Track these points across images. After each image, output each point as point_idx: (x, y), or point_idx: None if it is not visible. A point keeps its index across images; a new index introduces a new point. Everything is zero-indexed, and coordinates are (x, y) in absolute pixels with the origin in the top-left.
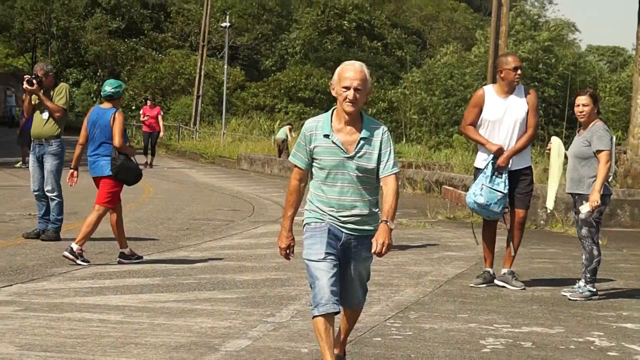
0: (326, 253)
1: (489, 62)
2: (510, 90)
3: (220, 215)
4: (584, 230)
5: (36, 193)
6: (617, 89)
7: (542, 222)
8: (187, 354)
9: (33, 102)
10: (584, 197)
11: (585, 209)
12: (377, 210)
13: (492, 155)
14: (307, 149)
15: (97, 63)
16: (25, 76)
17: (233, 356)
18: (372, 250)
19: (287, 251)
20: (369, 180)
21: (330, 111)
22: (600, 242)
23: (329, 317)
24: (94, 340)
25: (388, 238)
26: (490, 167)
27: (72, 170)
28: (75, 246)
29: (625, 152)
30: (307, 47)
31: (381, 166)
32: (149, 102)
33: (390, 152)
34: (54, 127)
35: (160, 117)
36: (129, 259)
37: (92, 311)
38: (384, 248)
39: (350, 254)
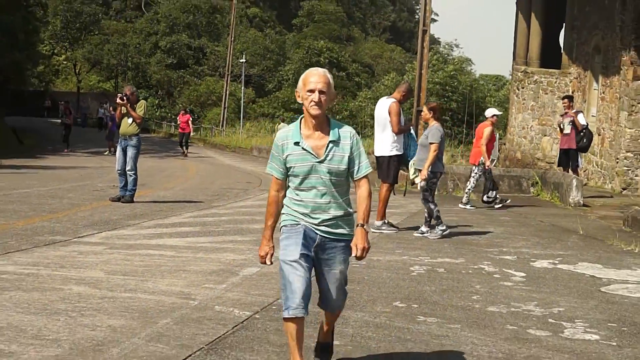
0: (301, 254)
1: (416, 85)
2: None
3: (239, 185)
4: (421, 195)
5: (119, 171)
6: (498, 102)
7: (450, 189)
8: (217, 277)
9: (122, 112)
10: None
11: (417, 180)
12: (351, 210)
13: None
14: (281, 159)
15: (157, 86)
16: (118, 94)
17: (247, 278)
18: (352, 254)
19: (266, 258)
20: (341, 182)
21: (298, 120)
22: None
23: (298, 319)
24: (156, 268)
25: (366, 242)
26: None
27: None
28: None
29: (505, 144)
30: (296, 75)
31: (355, 169)
32: (182, 112)
33: (360, 154)
34: (135, 128)
35: (190, 122)
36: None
37: (154, 249)
38: (364, 252)
39: (326, 256)
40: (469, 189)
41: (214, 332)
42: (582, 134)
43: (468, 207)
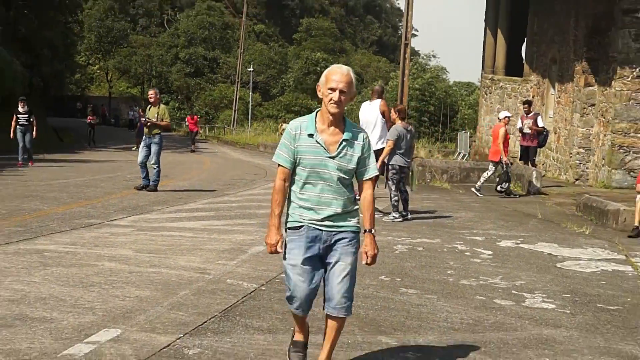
0: (304, 259)
1: (399, 91)
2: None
3: (247, 177)
4: (386, 184)
5: (140, 164)
6: (469, 105)
7: (428, 180)
8: (229, 254)
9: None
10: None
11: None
12: (355, 207)
13: None
14: (292, 147)
15: (177, 91)
16: (142, 119)
17: (254, 256)
18: (363, 262)
19: (277, 246)
20: (347, 181)
21: (314, 112)
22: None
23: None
24: (176, 247)
25: (376, 248)
26: None
27: None
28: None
29: (475, 141)
30: (296, 82)
31: (363, 169)
32: (189, 116)
33: (370, 157)
34: (157, 129)
35: (197, 122)
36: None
37: (175, 230)
38: (374, 259)
39: (333, 249)
40: (484, 179)
41: (226, 302)
42: (544, 133)
43: (479, 194)
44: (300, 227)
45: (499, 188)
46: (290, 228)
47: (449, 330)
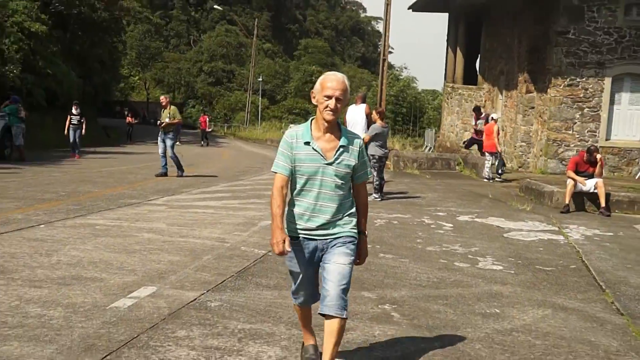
0: (305, 269)
1: (378, 96)
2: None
3: (257, 165)
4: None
5: (160, 154)
6: (434, 108)
7: (401, 167)
8: (243, 227)
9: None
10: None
11: None
12: (351, 211)
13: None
14: (290, 154)
15: (202, 97)
16: (158, 122)
17: (264, 228)
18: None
19: (284, 244)
20: (344, 187)
21: (309, 121)
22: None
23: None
24: (201, 221)
25: (366, 252)
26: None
27: None
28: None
29: (438, 136)
30: (296, 90)
31: (358, 174)
32: (202, 115)
33: (366, 162)
34: (170, 127)
35: (208, 121)
36: None
37: (199, 208)
38: (362, 260)
39: (329, 252)
40: (488, 168)
41: (241, 265)
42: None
43: (491, 181)
44: (297, 239)
45: (499, 172)
46: (289, 237)
47: (418, 287)
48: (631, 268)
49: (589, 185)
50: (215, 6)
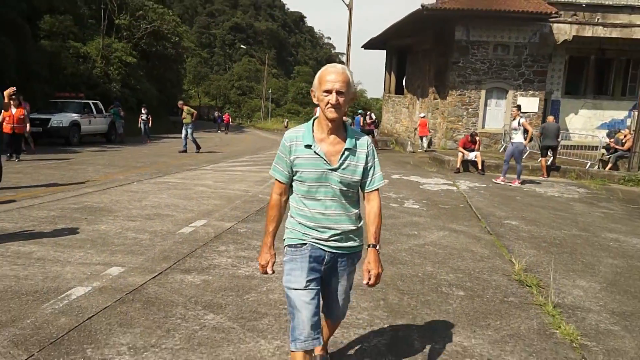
0: (307, 281)
1: None
2: None
3: (268, 145)
4: None
5: (183, 138)
6: (378, 109)
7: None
8: (260, 183)
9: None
10: None
11: None
12: (361, 224)
13: None
14: (287, 161)
15: (234, 103)
16: (183, 117)
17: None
18: (365, 282)
19: (268, 267)
20: (352, 194)
21: (311, 121)
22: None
23: (306, 352)
24: (233, 180)
25: (379, 266)
26: None
27: None
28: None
29: (380, 126)
30: (293, 98)
31: (368, 180)
32: (226, 113)
33: (375, 165)
34: (189, 120)
35: (229, 118)
36: None
37: (232, 171)
38: (378, 279)
39: (335, 271)
40: (425, 145)
41: (259, 205)
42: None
43: (420, 150)
44: (303, 244)
45: (429, 147)
46: (290, 245)
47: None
48: (497, 207)
49: (471, 156)
50: (242, 46)
